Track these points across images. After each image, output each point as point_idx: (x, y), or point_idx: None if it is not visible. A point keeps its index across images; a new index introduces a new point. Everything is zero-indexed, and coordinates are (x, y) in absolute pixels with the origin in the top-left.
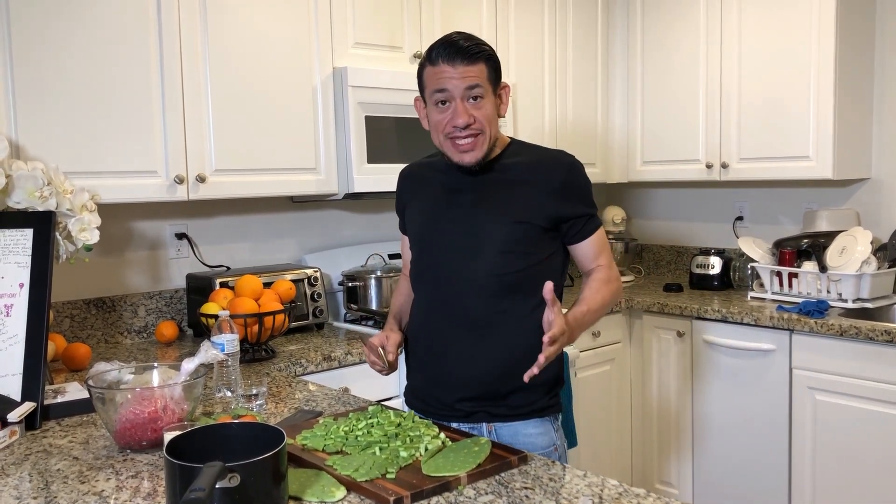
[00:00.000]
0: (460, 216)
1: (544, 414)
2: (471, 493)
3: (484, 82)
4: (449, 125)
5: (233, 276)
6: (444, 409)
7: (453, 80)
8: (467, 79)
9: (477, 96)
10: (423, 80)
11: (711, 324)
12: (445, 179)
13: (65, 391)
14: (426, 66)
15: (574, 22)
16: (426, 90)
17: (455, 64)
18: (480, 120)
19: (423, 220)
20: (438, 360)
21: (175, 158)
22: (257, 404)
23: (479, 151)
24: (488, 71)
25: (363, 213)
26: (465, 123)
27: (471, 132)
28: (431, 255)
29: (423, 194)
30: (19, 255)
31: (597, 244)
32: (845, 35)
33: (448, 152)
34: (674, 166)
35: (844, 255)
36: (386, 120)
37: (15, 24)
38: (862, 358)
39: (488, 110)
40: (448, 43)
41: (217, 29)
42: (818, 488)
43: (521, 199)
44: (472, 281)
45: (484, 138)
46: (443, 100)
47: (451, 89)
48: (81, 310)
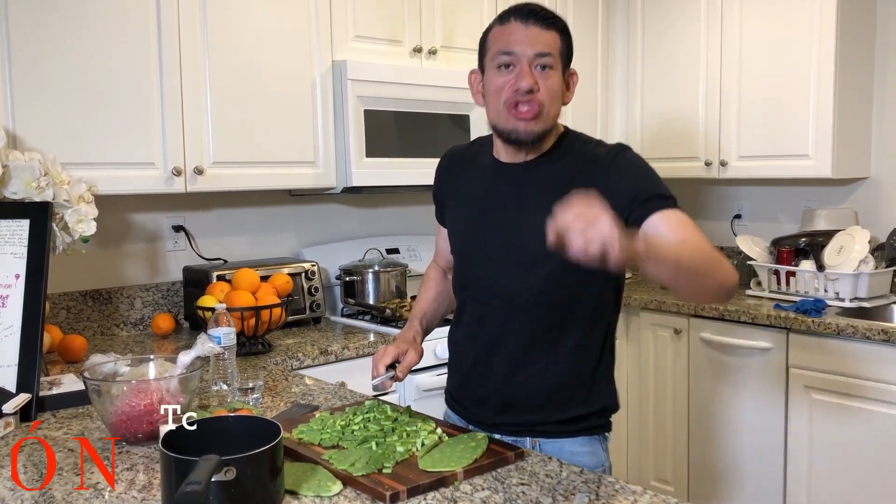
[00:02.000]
0: (503, 222)
1: (593, 432)
2: (467, 489)
3: (556, 54)
4: (510, 89)
5: (230, 269)
6: (485, 428)
7: (524, 43)
8: (539, 44)
9: (546, 65)
10: (486, 43)
11: (708, 322)
12: (494, 172)
13: (60, 383)
14: (494, 27)
15: (575, 18)
16: (488, 53)
17: (528, 24)
18: (543, 92)
19: (465, 228)
20: (479, 383)
21: (173, 150)
22: (253, 398)
23: (536, 123)
24: (561, 44)
25: (361, 208)
26: (528, 87)
27: (533, 99)
28: (473, 266)
29: (469, 190)
30: (15, 246)
31: (670, 219)
32: (846, 34)
33: (503, 122)
34: (673, 164)
35: (842, 255)
36: (385, 114)
37: (13, 13)
38: (859, 357)
39: (555, 84)
40: (525, 5)
41: (216, 20)
42: (814, 487)
43: None
44: (515, 302)
45: (543, 113)
46: (507, 63)
47: (519, 52)
48: (78, 301)
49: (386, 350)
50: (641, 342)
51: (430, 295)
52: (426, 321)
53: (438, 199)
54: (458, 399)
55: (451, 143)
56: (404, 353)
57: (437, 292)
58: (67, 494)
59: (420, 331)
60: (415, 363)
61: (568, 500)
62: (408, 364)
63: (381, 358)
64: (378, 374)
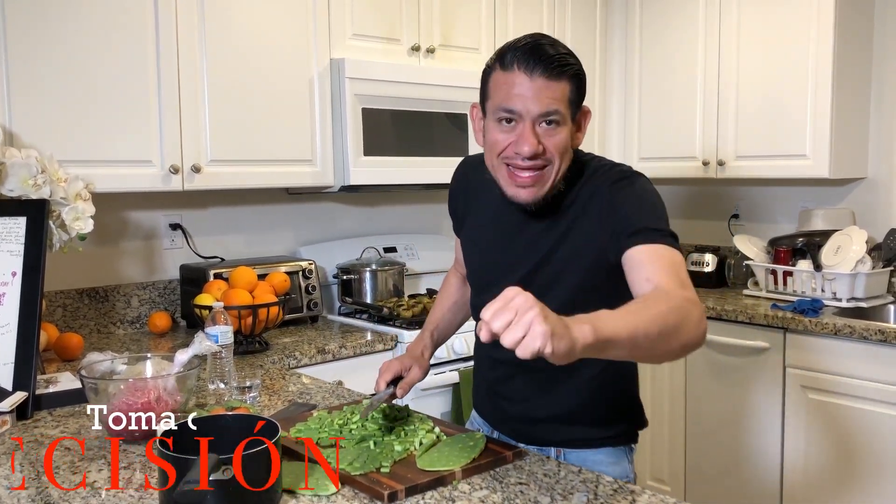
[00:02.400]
0: (515, 253)
1: (617, 442)
2: (465, 488)
3: (564, 106)
4: (511, 149)
5: (227, 267)
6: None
7: (527, 99)
8: (545, 101)
9: (553, 121)
10: (487, 86)
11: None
12: (503, 208)
13: (57, 381)
14: (495, 69)
15: (573, 17)
16: (490, 100)
17: (534, 76)
18: (551, 150)
19: (478, 255)
20: (500, 403)
21: (170, 148)
22: (251, 396)
23: (539, 188)
24: (571, 92)
25: (359, 206)
26: (531, 152)
27: (537, 164)
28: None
29: (484, 214)
30: (12, 244)
31: (651, 255)
32: (844, 34)
33: (501, 181)
34: (670, 163)
35: (839, 255)
36: (383, 112)
37: (9, 10)
38: (856, 357)
39: (562, 139)
40: (530, 47)
41: (214, 18)
42: (810, 487)
43: (580, 235)
44: None
45: (551, 171)
46: (509, 118)
47: (522, 111)
48: (74, 299)
49: (390, 365)
50: None
51: (446, 304)
52: (438, 334)
53: (457, 214)
54: (485, 417)
55: (449, 142)
56: (408, 369)
57: (454, 301)
58: (64, 493)
59: (429, 345)
60: (418, 380)
61: (566, 500)
62: (409, 382)
63: (384, 373)
64: (378, 390)
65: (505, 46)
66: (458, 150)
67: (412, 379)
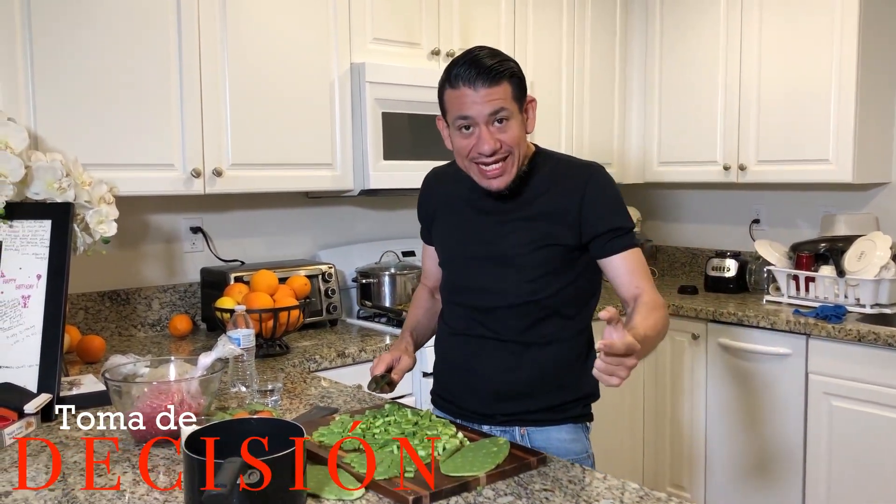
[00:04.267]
0: (488, 240)
1: (578, 420)
2: (490, 494)
3: (509, 103)
4: (474, 151)
5: (247, 270)
6: (475, 417)
7: (476, 105)
8: (491, 102)
9: (502, 118)
10: (443, 102)
11: (727, 327)
12: (472, 197)
13: (80, 383)
14: (446, 87)
15: (592, 20)
16: (448, 114)
17: (477, 87)
18: (507, 143)
19: (453, 243)
20: (472, 376)
21: (192, 152)
22: (272, 400)
23: (507, 176)
24: (513, 89)
25: (378, 210)
26: (491, 150)
27: (498, 157)
28: (463, 279)
29: (451, 212)
30: (37, 247)
31: (630, 262)
32: (868, 37)
33: (475, 177)
34: (691, 167)
35: (863, 260)
36: (403, 116)
37: (35, 17)
38: (880, 364)
39: (515, 131)
40: (468, 63)
41: (235, 23)
42: (833, 496)
43: (546, 220)
44: (505, 308)
45: (512, 160)
46: (466, 125)
47: (475, 115)
48: (96, 302)
49: (382, 357)
50: (658, 347)
51: (419, 312)
52: (416, 334)
53: (425, 220)
54: (445, 397)
55: None
56: (398, 359)
57: (426, 309)
58: (90, 495)
59: (411, 342)
60: (409, 367)
61: None
62: (402, 368)
63: (377, 365)
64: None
65: (449, 65)
66: None
67: (404, 366)
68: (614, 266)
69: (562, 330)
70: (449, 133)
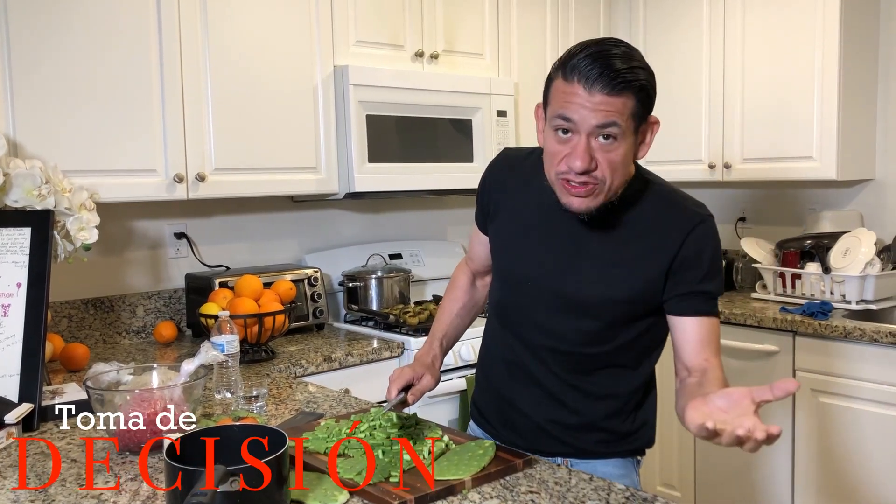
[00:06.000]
0: (556, 264)
1: (626, 455)
2: (476, 498)
3: (624, 120)
4: (564, 163)
5: (232, 276)
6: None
7: (583, 111)
8: (602, 113)
9: (609, 136)
10: (549, 92)
11: None
12: (548, 206)
13: (63, 392)
14: (557, 76)
15: (576, 21)
16: (549, 105)
17: (593, 90)
18: (604, 167)
19: (512, 257)
20: (513, 410)
21: (174, 157)
22: (258, 406)
23: (592, 201)
24: (635, 105)
25: (364, 213)
26: (582, 168)
27: (587, 179)
28: (515, 305)
29: (519, 216)
30: (17, 255)
31: (705, 330)
32: (850, 35)
33: (557, 191)
34: (676, 167)
35: (848, 257)
36: (388, 119)
37: (13, 21)
38: (866, 360)
39: (619, 155)
40: (594, 57)
41: (217, 26)
42: (822, 492)
43: (630, 268)
44: (559, 347)
45: (602, 189)
46: (565, 129)
47: (578, 121)
48: (79, 310)
49: (402, 373)
50: None
51: (454, 309)
52: (447, 341)
53: (485, 206)
54: (487, 418)
55: (453, 148)
56: (420, 377)
57: (462, 305)
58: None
59: (439, 353)
60: (429, 388)
61: None
62: (421, 389)
63: (395, 381)
64: (390, 398)
65: (568, 53)
66: (463, 156)
67: (424, 387)
68: (685, 329)
69: (618, 380)
70: (544, 127)
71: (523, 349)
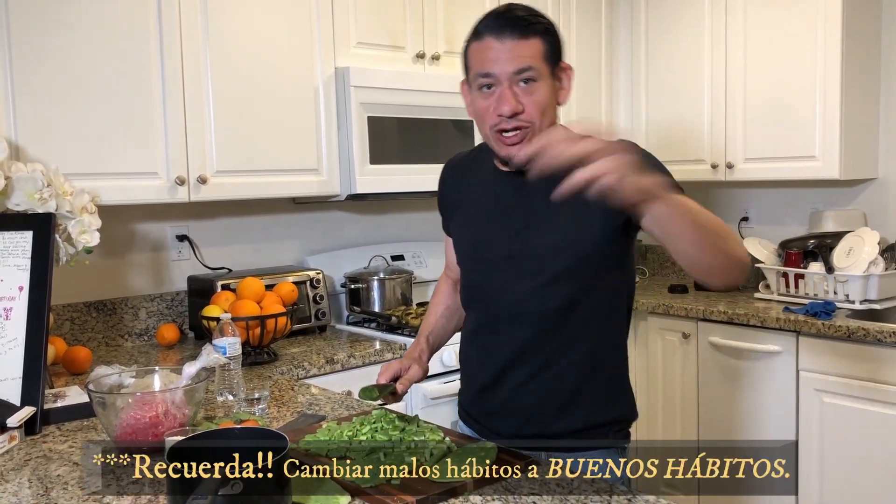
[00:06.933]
0: (508, 231)
1: (609, 447)
2: (477, 500)
3: (538, 62)
4: (493, 114)
5: (234, 278)
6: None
7: (500, 61)
8: (517, 58)
9: (529, 79)
10: (467, 59)
11: (717, 325)
12: (498, 180)
13: (65, 395)
14: (471, 42)
15: (577, 22)
16: (470, 72)
17: (503, 38)
18: (531, 109)
19: (474, 234)
20: (494, 391)
21: (176, 159)
22: (259, 408)
23: (528, 145)
24: (545, 48)
25: (366, 215)
26: (511, 111)
27: (518, 122)
28: (484, 276)
29: (474, 199)
30: (19, 258)
31: None
32: (852, 33)
33: (494, 146)
34: (678, 167)
35: (851, 256)
36: (388, 120)
37: (14, 24)
38: (870, 360)
39: (542, 96)
40: (497, 13)
41: (218, 29)
42: (825, 492)
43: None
44: (524, 310)
45: (534, 132)
46: (488, 84)
47: (498, 72)
48: (82, 312)
49: (389, 365)
50: (649, 347)
51: (438, 310)
52: (433, 338)
53: (445, 210)
54: (471, 414)
55: (455, 149)
56: (407, 368)
57: (447, 307)
58: None
59: (426, 349)
60: (417, 378)
61: None
62: (409, 378)
63: (383, 373)
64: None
65: (478, 20)
66: None
67: (412, 376)
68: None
69: (587, 343)
70: (471, 100)
71: (490, 328)
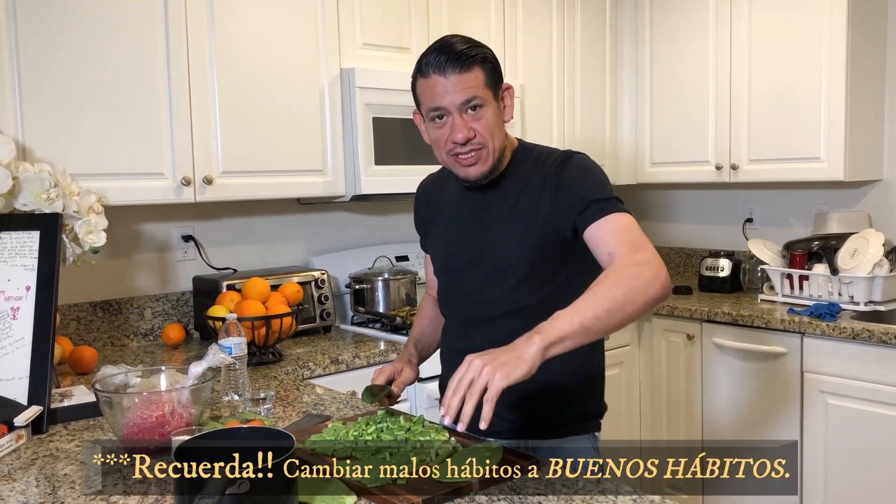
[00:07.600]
0: (476, 242)
1: (583, 432)
2: (483, 500)
3: (481, 90)
4: (448, 142)
5: (240, 278)
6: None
7: (447, 95)
8: (463, 91)
9: (476, 106)
10: (416, 94)
11: (721, 327)
12: (460, 197)
13: (71, 395)
14: (418, 78)
15: (582, 23)
16: (421, 106)
17: (447, 74)
18: (481, 132)
19: (444, 247)
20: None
21: (182, 160)
22: (265, 408)
23: (483, 165)
24: (485, 76)
25: (370, 215)
26: (464, 138)
27: (472, 146)
28: (454, 284)
29: (443, 216)
30: (26, 258)
31: (606, 228)
32: (857, 35)
33: (453, 169)
34: (683, 168)
35: (856, 258)
36: (393, 121)
37: (22, 26)
38: (875, 361)
39: (489, 120)
40: (437, 50)
41: (224, 30)
42: (830, 494)
43: (529, 215)
44: (493, 312)
45: (487, 152)
46: (439, 115)
47: (447, 105)
48: (88, 312)
49: (383, 369)
50: (654, 348)
51: (424, 322)
52: (421, 346)
53: (421, 229)
54: None
55: None
56: (400, 371)
57: (431, 319)
58: None
59: (415, 353)
60: (410, 380)
61: None
62: (403, 380)
63: (379, 376)
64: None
65: (420, 56)
66: None
67: (405, 378)
68: (592, 239)
69: None
70: (426, 128)
71: (464, 332)
